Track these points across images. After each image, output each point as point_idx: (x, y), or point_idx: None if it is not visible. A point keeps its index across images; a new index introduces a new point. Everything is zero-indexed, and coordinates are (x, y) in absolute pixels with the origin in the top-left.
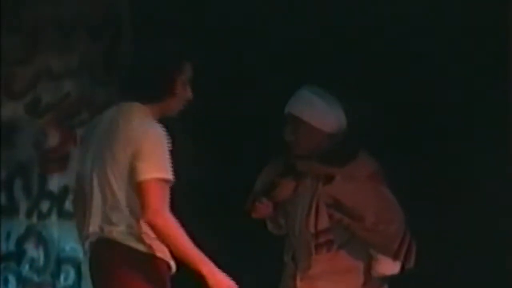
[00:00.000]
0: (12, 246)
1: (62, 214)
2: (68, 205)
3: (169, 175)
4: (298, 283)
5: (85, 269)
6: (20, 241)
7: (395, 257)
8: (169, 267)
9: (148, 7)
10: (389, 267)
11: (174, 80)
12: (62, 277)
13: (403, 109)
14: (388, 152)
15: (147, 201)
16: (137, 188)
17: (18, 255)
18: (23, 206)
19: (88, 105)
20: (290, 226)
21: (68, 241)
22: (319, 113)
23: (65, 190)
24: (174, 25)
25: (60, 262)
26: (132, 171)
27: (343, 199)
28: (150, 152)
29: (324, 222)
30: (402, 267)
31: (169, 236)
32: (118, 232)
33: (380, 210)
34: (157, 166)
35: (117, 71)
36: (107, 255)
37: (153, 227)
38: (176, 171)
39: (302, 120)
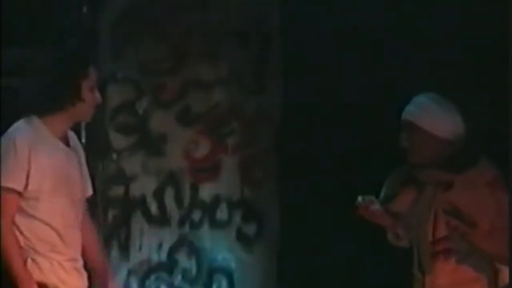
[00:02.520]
0: (164, 256)
1: (214, 224)
2: (220, 214)
3: (12, 183)
4: None
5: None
6: (172, 251)
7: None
8: None
9: (299, 10)
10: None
11: (80, 87)
12: (214, 287)
13: None
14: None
15: None
16: None
17: (170, 265)
18: (175, 215)
19: (238, 114)
20: (413, 236)
21: (220, 250)
22: (435, 119)
23: (217, 200)
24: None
25: (212, 272)
26: None
27: (460, 206)
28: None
29: (442, 230)
30: None
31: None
32: None
33: (496, 218)
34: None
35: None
36: None
37: None
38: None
39: (417, 126)
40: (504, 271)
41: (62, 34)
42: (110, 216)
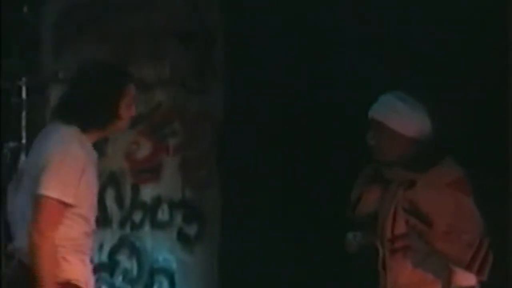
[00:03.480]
0: (104, 257)
1: (155, 225)
2: (161, 215)
3: (64, 197)
4: None
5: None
6: (113, 252)
7: (467, 269)
8: None
9: (240, 12)
10: (465, 278)
11: (119, 106)
12: None
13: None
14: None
15: (35, 216)
16: (33, 201)
17: (111, 266)
18: (116, 216)
19: (180, 115)
20: (379, 234)
21: (161, 251)
22: (401, 117)
23: (158, 200)
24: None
25: (153, 272)
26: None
27: (420, 205)
28: (53, 170)
29: (401, 227)
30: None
31: (35, 257)
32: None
33: (454, 219)
34: (49, 183)
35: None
36: None
37: (29, 242)
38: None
39: (384, 124)
40: (457, 273)
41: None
42: None
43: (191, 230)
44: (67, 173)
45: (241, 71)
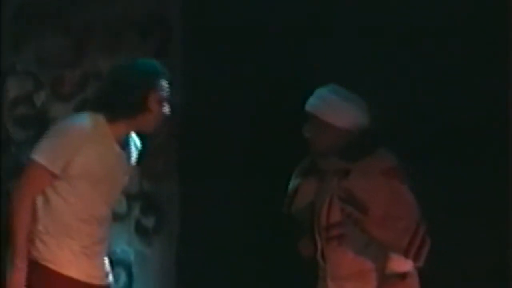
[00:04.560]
0: None
1: (113, 217)
2: (118, 207)
3: (50, 165)
4: (329, 283)
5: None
6: None
7: (405, 254)
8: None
9: (199, 3)
10: (400, 264)
11: (147, 98)
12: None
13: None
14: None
15: (21, 178)
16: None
17: None
18: None
19: None
20: (315, 225)
21: (119, 243)
22: (334, 109)
23: None
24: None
25: (111, 264)
26: None
27: (355, 193)
28: (48, 137)
29: (335, 216)
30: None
31: (12, 218)
32: None
33: (389, 206)
34: (41, 149)
35: None
36: None
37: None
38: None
39: (316, 116)
40: (393, 260)
41: None
42: None
43: (149, 222)
44: (60, 144)
45: (200, 63)
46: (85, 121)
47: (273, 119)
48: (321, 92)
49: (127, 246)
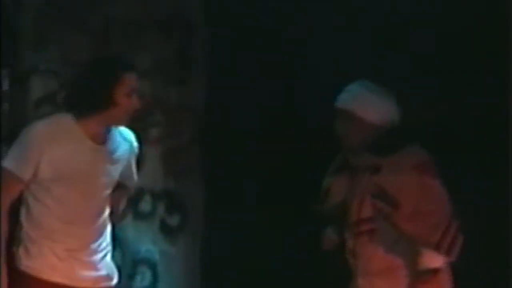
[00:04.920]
0: None
1: (138, 215)
2: (143, 205)
3: (18, 171)
4: (360, 281)
5: (160, 270)
6: None
7: (436, 249)
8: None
9: (223, 1)
10: (432, 260)
11: (113, 93)
12: (138, 279)
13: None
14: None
15: None
16: None
17: None
18: None
19: (161, 106)
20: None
21: (144, 242)
22: (366, 105)
23: (140, 191)
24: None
25: (136, 263)
26: None
27: (386, 188)
28: (15, 144)
29: (366, 211)
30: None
31: None
32: None
33: (420, 201)
34: (10, 156)
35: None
36: None
37: None
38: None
39: (348, 112)
40: (424, 255)
41: None
42: None
43: (174, 221)
44: (25, 149)
45: (223, 62)
46: (46, 122)
47: (298, 118)
48: (352, 88)
49: (151, 245)
